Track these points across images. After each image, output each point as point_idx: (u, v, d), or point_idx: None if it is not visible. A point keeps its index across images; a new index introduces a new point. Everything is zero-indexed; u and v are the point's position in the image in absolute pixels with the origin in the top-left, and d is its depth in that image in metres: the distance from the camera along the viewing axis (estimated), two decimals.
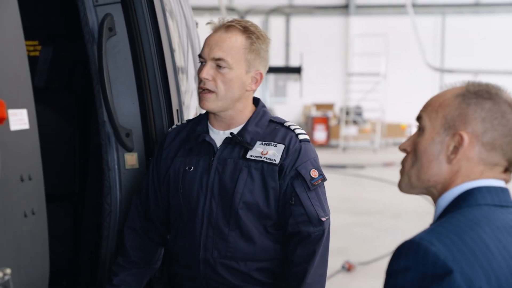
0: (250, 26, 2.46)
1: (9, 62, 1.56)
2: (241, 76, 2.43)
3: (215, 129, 2.52)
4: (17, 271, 1.50)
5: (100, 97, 2.93)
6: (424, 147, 1.56)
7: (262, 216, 2.45)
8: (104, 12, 2.93)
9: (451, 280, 1.36)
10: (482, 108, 1.52)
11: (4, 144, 1.49)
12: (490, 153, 1.52)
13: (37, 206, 1.62)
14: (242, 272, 2.46)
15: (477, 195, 1.50)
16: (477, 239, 1.42)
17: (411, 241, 1.42)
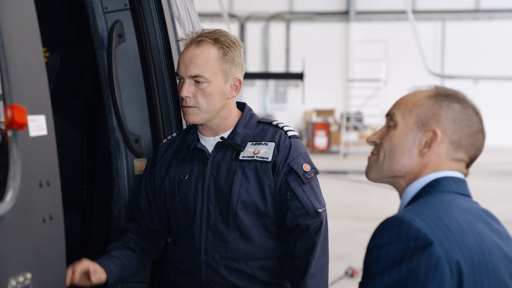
0: (220, 36, 2.50)
1: (28, 68, 1.58)
2: (220, 87, 2.49)
3: (205, 136, 2.58)
4: (36, 276, 1.51)
5: (109, 103, 2.95)
6: (398, 141, 1.71)
7: (260, 214, 2.50)
8: (113, 18, 2.95)
9: (431, 251, 1.50)
10: (453, 110, 1.69)
11: (24, 150, 1.50)
12: (456, 150, 1.70)
13: (54, 212, 1.63)
14: (245, 272, 2.50)
15: (445, 183, 1.67)
16: (451, 217, 1.57)
17: (394, 217, 1.56)
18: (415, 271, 1.50)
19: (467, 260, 1.54)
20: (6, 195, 1.42)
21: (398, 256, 1.51)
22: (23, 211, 1.47)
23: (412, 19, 18.95)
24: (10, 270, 1.42)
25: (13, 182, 1.45)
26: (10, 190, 1.43)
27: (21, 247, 1.47)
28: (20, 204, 1.46)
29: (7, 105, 1.44)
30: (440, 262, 1.50)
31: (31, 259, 1.50)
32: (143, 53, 2.97)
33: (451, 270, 1.51)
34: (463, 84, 24.20)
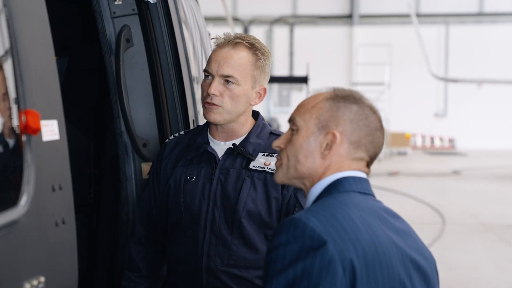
0: (255, 43, 2.54)
1: (41, 74, 1.59)
2: (247, 91, 2.51)
3: (216, 140, 2.58)
4: (49, 280, 1.52)
5: (117, 107, 2.96)
6: (300, 145, 1.76)
7: (263, 225, 2.50)
8: (121, 23, 2.96)
9: (325, 251, 1.56)
10: (350, 111, 1.74)
11: (37, 154, 1.51)
12: (356, 150, 1.75)
13: (67, 216, 1.64)
14: (245, 279, 2.50)
15: (345, 183, 1.72)
16: (346, 217, 1.63)
17: (291, 218, 1.61)
18: (309, 271, 1.55)
19: (361, 257, 1.59)
20: (20, 200, 1.44)
21: (294, 256, 1.56)
22: (36, 215, 1.48)
23: (416, 23, 18.96)
24: (24, 274, 1.43)
25: (27, 186, 1.46)
26: (25, 195, 1.45)
27: (35, 251, 1.48)
28: (33, 208, 1.47)
29: (21, 110, 1.46)
30: (333, 261, 1.55)
31: (45, 263, 1.51)
32: (151, 57, 2.98)
33: (343, 269, 1.56)
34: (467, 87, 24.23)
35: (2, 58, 1.44)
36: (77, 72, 3.78)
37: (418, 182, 15.12)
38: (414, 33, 20.17)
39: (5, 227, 1.37)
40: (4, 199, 1.41)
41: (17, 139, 1.46)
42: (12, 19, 1.46)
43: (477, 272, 7.49)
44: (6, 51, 1.45)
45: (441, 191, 14.17)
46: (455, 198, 13.09)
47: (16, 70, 1.46)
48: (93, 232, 3.70)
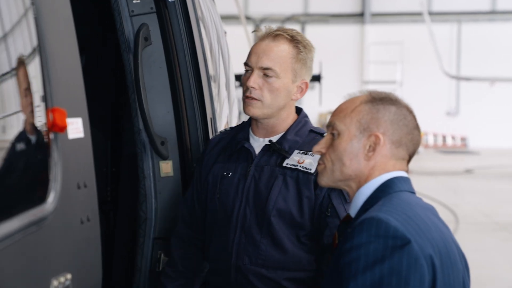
0: (296, 35, 2.47)
1: (67, 72, 1.60)
2: (288, 85, 2.45)
3: (256, 136, 2.54)
4: (75, 277, 1.53)
5: (135, 106, 2.97)
6: (344, 148, 1.80)
7: (295, 225, 2.43)
8: (140, 22, 2.97)
9: (410, 249, 1.61)
10: (389, 112, 1.79)
11: (63, 152, 1.52)
12: (398, 149, 1.80)
13: (91, 213, 1.66)
14: (272, 280, 2.44)
15: (397, 183, 1.78)
16: (417, 216, 1.69)
17: (371, 218, 1.64)
18: (397, 268, 1.59)
19: (437, 253, 1.65)
20: (48, 197, 1.44)
21: (379, 255, 1.60)
22: (63, 213, 1.49)
23: (428, 21, 18.89)
24: (52, 271, 1.44)
25: (54, 184, 1.47)
26: (52, 192, 1.46)
27: (62, 248, 1.49)
28: (60, 205, 1.48)
29: (48, 108, 1.46)
30: (419, 258, 1.61)
31: (71, 260, 1.52)
32: (169, 55, 2.99)
33: (427, 264, 1.62)
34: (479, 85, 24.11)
35: (29, 56, 1.45)
36: (95, 71, 3.79)
37: (431, 180, 15.07)
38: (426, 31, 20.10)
39: (33, 224, 1.38)
40: (32, 196, 1.42)
41: (45, 137, 1.47)
42: (38, 18, 1.47)
43: (491, 271, 7.46)
44: (34, 49, 1.46)
45: (454, 189, 14.12)
46: (468, 197, 13.04)
47: (43, 68, 1.47)
48: (110, 230, 3.71)
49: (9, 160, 1.36)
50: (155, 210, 2.98)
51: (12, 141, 1.35)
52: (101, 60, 3.85)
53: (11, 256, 1.32)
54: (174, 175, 3.00)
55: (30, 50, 1.44)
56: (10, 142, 1.35)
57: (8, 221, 1.32)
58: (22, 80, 1.41)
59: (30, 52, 1.45)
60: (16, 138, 1.37)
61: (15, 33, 1.42)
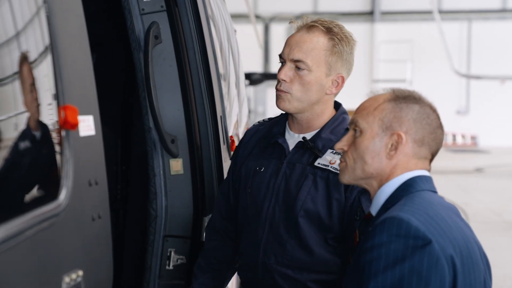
0: (334, 27, 2.36)
1: (78, 69, 1.60)
2: (321, 79, 2.34)
3: (291, 131, 2.45)
4: (86, 273, 1.54)
5: (146, 104, 2.97)
6: (366, 146, 1.80)
7: (323, 227, 2.35)
8: (150, 20, 2.97)
9: (431, 249, 1.61)
10: (412, 111, 1.79)
11: (75, 149, 1.53)
12: (420, 148, 1.79)
13: (102, 210, 1.66)
14: (298, 281, 2.37)
15: (419, 182, 1.78)
16: (438, 215, 1.68)
17: (392, 217, 1.64)
18: (418, 269, 1.59)
19: (458, 254, 1.65)
20: (60, 194, 1.45)
21: (399, 254, 1.60)
22: (74, 210, 1.50)
23: (438, 19, 18.82)
24: (63, 267, 1.45)
25: (66, 181, 1.47)
26: (64, 189, 1.46)
27: (73, 245, 1.50)
28: (72, 202, 1.48)
29: (60, 106, 1.47)
30: (440, 258, 1.61)
31: (82, 257, 1.53)
32: (179, 54, 3.00)
33: (448, 265, 1.62)
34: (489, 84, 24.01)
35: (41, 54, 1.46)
36: (106, 69, 3.80)
37: (441, 179, 15.02)
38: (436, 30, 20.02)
39: (45, 220, 1.38)
40: (44, 193, 1.43)
41: (56, 135, 1.47)
42: (50, 16, 1.48)
43: (502, 269, 7.43)
44: (46, 48, 1.46)
45: (464, 188, 14.07)
46: (478, 196, 12.99)
47: (55, 66, 1.47)
48: (120, 228, 3.72)
49: (21, 158, 1.36)
50: (165, 208, 2.99)
51: (24, 139, 1.36)
52: (112, 58, 3.86)
53: (24, 253, 1.33)
54: (184, 173, 3.01)
55: (42, 48, 1.45)
56: (22, 139, 1.36)
57: (21, 218, 1.33)
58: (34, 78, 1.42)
59: (42, 50, 1.45)
60: (28, 135, 1.38)
61: (28, 31, 1.42)
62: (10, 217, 1.31)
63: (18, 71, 1.37)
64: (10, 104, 1.34)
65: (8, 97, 1.34)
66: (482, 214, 10.88)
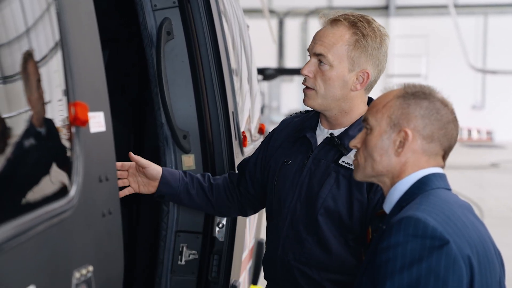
0: (359, 21, 2.30)
1: (89, 66, 1.61)
2: (343, 74, 2.29)
3: (322, 126, 2.41)
4: (97, 269, 1.55)
5: (158, 99, 2.98)
6: (375, 144, 1.79)
7: (344, 226, 2.32)
8: (162, 16, 2.98)
9: (449, 249, 1.59)
10: (420, 107, 1.76)
11: (85, 146, 1.54)
12: (430, 144, 1.77)
13: (113, 206, 1.67)
14: (315, 280, 2.34)
15: (434, 180, 1.76)
16: (454, 215, 1.67)
17: (409, 217, 1.62)
18: (435, 269, 1.57)
19: (475, 254, 1.63)
20: (70, 190, 1.46)
21: (416, 255, 1.59)
22: (85, 206, 1.51)
23: (453, 13, 18.69)
24: (74, 263, 1.46)
25: (76, 177, 1.48)
26: (74, 185, 1.47)
27: (84, 241, 1.51)
28: (82, 198, 1.49)
29: (70, 102, 1.48)
30: (457, 258, 1.60)
31: (93, 253, 1.54)
32: (191, 50, 3.00)
33: (465, 265, 1.61)
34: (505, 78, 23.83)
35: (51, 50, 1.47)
36: (118, 65, 3.81)
37: (456, 174, 14.94)
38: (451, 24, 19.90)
39: (56, 216, 1.39)
40: (55, 189, 1.44)
41: (67, 131, 1.48)
42: (61, 12, 1.49)
43: None
44: (56, 44, 1.47)
45: (479, 184, 14.00)
46: (493, 191, 12.92)
47: (65, 62, 1.48)
48: (133, 223, 3.74)
49: (32, 154, 1.37)
50: None
51: (35, 135, 1.37)
52: (124, 54, 3.87)
53: (34, 248, 1.34)
54: (196, 169, 3.02)
55: (52, 44, 1.46)
56: (33, 136, 1.37)
57: (31, 214, 1.34)
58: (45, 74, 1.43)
59: (53, 46, 1.46)
60: (39, 132, 1.39)
61: (38, 27, 1.43)
62: (21, 213, 1.32)
63: (28, 67, 1.38)
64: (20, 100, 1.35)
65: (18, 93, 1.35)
66: (497, 209, 10.82)
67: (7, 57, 1.32)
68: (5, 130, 1.29)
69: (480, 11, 24.98)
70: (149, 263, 3.54)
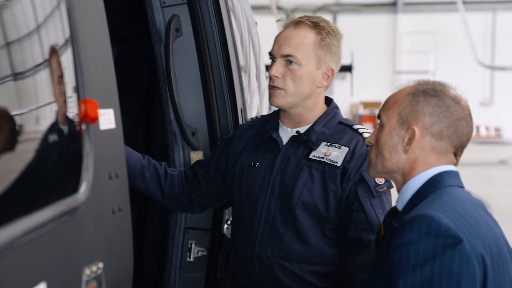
0: (320, 22, 2.43)
1: (98, 64, 1.62)
2: (311, 72, 2.40)
3: (285, 126, 2.51)
4: (107, 265, 1.55)
5: (166, 96, 2.99)
6: (385, 140, 1.80)
7: (320, 218, 2.40)
8: (171, 13, 2.98)
9: (462, 248, 1.58)
10: (429, 104, 1.76)
11: (95, 143, 1.54)
12: (439, 142, 1.76)
13: (123, 203, 1.67)
14: (296, 273, 2.42)
15: (447, 178, 1.76)
16: (468, 213, 1.66)
17: (422, 215, 1.61)
18: (448, 268, 1.57)
19: (488, 252, 1.62)
20: (80, 187, 1.46)
21: (429, 253, 1.58)
22: (95, 203, 1.51)
23: (462, 10, 18.62)
24: (84, 259, 1.46)
25: (86, 174, 1.49)
26: (84, 182, 1.48)
27: (94, 237, 1.51)
28: (92, 195, 1.50)
29: (80, 100, 1.48)
30: (470, 257, 1.59)
31: (103, 249, 1.54)
32: (200, 46, 3.00)
33: (478, 264, 1.60)
34: None
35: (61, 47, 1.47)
36: (126, 62, 3.82)
37: (464, 171, 14.86)
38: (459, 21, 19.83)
39: (66, 213, 1.40)
40: (65, 187, 1.44)
41: (77, 128, 1.49)
42: (71, 10, 1.49)
43: None
44: (66, 41, 1.47)
45: (488, 180, 13.95)
46: (502, 188, 12.88)
47: (75, 59, 1.48)
48: (141, 220, 3.75)
49: (42, 151, 1.38)
50: None
51: (44, 132, 1.37)
52: (133, 51, 3.87)
53: (45, 245, 1.34)
54: None
55: (62, 41, 1.46)
56: (43, 133, 1.37)
57: (42, 211, 1.34)
58: (55, 72, 1.43)
59: (63, 43, 1.46)
60: (49, 129, 1.39)
61: (48, 24, 1.43)
62: (32, 210, 1.32)
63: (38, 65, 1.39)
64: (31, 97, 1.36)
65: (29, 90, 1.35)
66: (505, 206, 10.79)
67: (18, 54, 1.32)
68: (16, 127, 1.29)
69: (489, 7, 24.87)
70: (157, 259, 3.55)
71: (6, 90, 1.28)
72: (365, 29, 25.19)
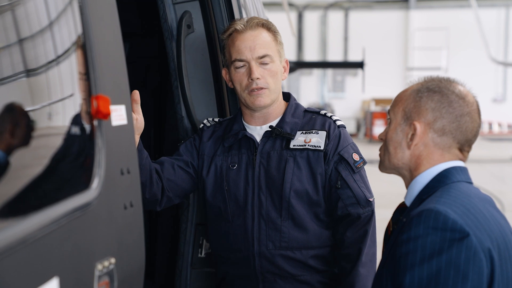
0: (268, 22, 2.60)
1: (110, 60, 1.62)
2: (279, 67, 2.57)
3: (251, 125, 2.60)
4: (119, 261, 1.56)
5: (178, 93, 2.99)
6: (390, 136, 1.83)
7: (312, 203, 2.51)
8: (182, 9, 2.99)
9: (469, 242, 1.59)
10: (432, 100, 1.77)
11: (107, 138, 1.54)
12: (442, 138, 1.77)
13: (134, 199, 1.68)
14: (299, 260, 2.51)
15: (455, 173, 1.76)
16: (475, 208, 1.67)
17: (429, 210, 1.62)
18: (455, 262, 1.57)
19: (495, 247, 1.62)
20: (92, 183, 1.47)
21: (436, 247, 1.59)
22: (107, 198, 1.52)
23: (474, 6, 18.52)
24: (96, 255, 1.47)
25: (98, 170, 1.49)
26: (96, 178, 1.48)
27: (106, 233, 1.52)
28: (104, 191, 1.50)
29: (92, 96, 1.49)
30: (477, 251, 1.59)
31: (115, 245, 1.55)
32: (211, 43, 3.00)
33: (485, 258, 1.60)
34: None
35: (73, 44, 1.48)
36: (138, 58, 3.83)
37: (477, 168, 14.84)
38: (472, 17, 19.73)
39: (78, 209, 1.40)
40: (77, 182, 1.45)
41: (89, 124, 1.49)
42: (83, 6, 1.49)
43: None
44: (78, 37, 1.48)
45: (500, 177, 13.89)
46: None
47: (88, 55, 1.49)
48: (153, 216, 3.76)
49: (55, 147, 1.38)
50: (197, 196, 3.00)
51: (56, 129, 1.38)
52: (144, 47, 3.88)
53: (58, 240, 1.35)
54: None
55: (74, 37, 1.47)
56: (55, 129, 1.38)
57: (55, 206, 1.35)
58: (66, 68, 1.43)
59: (75, 39, 1.47)
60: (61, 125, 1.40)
61: (60, 21, 1.44)
62: (45, 205, 1.33)
63: (51, 61, 1.39)
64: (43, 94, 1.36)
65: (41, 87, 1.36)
66: None
67: (30, 51, 1.33)
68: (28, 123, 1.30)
69: (502, 3, 24.72)
70: (169, 255, 3.56)
71: (19, 87, 1.29)
72: (377, 26, 25.11)
